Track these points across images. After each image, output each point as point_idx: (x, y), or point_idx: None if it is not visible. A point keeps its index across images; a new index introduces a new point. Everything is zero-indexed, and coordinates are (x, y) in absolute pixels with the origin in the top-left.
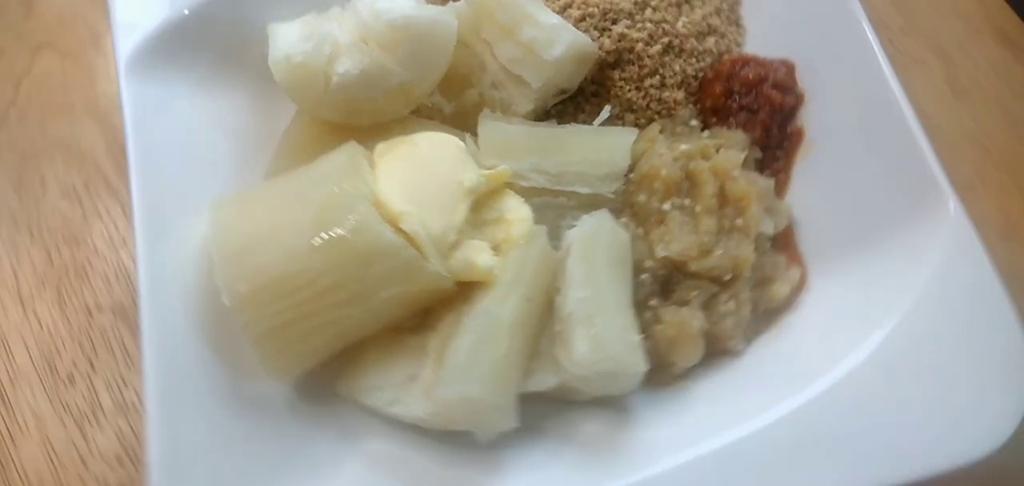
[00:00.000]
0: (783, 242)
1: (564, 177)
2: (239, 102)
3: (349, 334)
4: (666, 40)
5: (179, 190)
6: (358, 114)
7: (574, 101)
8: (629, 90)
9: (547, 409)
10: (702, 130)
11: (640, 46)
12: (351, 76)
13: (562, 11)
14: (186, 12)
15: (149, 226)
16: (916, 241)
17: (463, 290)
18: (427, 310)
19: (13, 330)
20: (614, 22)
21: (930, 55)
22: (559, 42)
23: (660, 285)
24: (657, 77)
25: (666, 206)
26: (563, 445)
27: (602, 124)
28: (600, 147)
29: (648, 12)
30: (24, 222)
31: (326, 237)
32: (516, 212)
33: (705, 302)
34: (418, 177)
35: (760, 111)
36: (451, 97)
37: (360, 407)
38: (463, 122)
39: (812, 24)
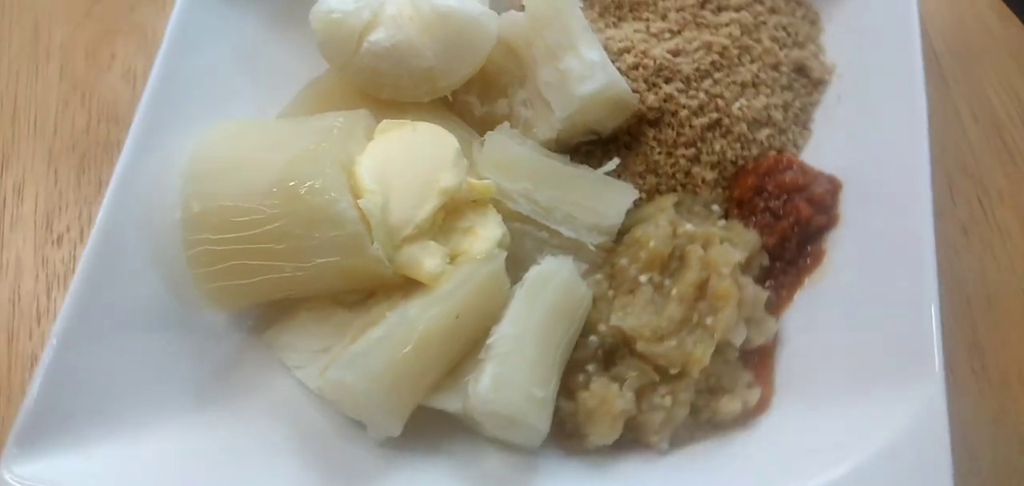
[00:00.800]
0: (760, 359)
1: (552, 214)
2: (288, 53)
3: (282, 286)
4: (715, 116)
5: (189, 112)
6: (380, 87)
7: (604, 146)
8: (660, 152)
9: (459, 431)
10: (721, 218)
11: (684, 113)
12: (381, 47)
13: (618, 54)
14: None
15: (142, 132)
16: (890, 404)
17: (408, 285)
18: (371, 292)
19: (32, 179)
20: (667, 81)
21: (1021, 229)
22: (592, 81)
23: (604, 353)
24: (693, 149)
25: (643, 278)
26: (459, 469)
27: (609, 174)
28: (596, 196)
29: (707, 83)
30: (82, 88)
31: (285, 186)
32: (486, 229)
33: (641, 387)
34: (400, 162)
35: (784, 219)
36: (485, 100)
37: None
38: (488, 128)
39: (878, 151)
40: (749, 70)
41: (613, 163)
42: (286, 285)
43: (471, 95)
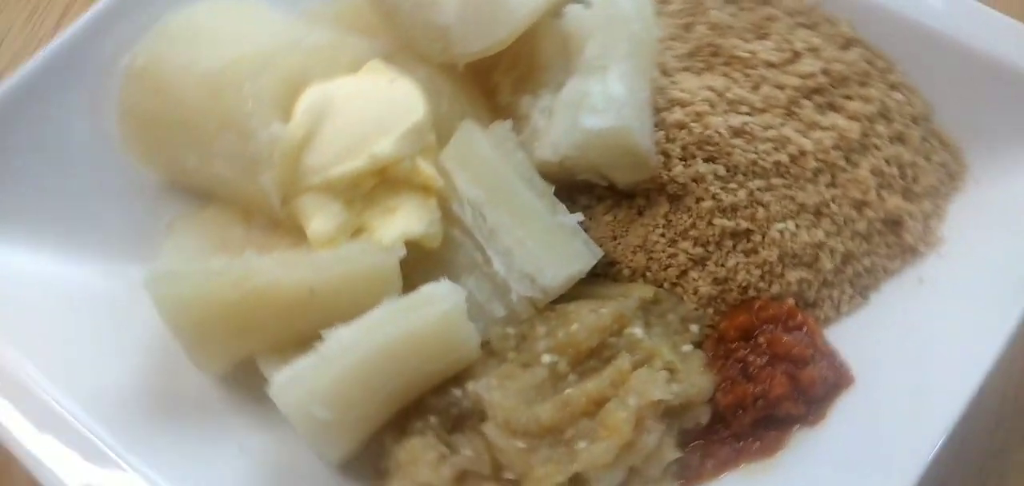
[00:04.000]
0: None
1: (494, 239)
2: None
3: (188, 176)
4: (744, 226)
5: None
6: (395, 28)
7: (617, 198)
8: (662, 234)
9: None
10: (693, 342)
11: (709, 205)
12: None
13: (668, 105)
14: None
15: None
16: None
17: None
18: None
19: None
20: (708, 159)
21: None
22: (602, 116)
23: (458, 413)
24: (701, 250)
25: (546, 358)
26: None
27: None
28: (547, 245)
29: (756, 183)
30: None
31: (219, 77)
32: (408, 218)
33: (464, 472)
34: (350, 106)
35: (751, 382)
36: (517, 88)
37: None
38: (506, 116)
39: (924, 372)
40: (820, 193)
41: (576, 217)
42: (191, 176)
43: (507, 77)
